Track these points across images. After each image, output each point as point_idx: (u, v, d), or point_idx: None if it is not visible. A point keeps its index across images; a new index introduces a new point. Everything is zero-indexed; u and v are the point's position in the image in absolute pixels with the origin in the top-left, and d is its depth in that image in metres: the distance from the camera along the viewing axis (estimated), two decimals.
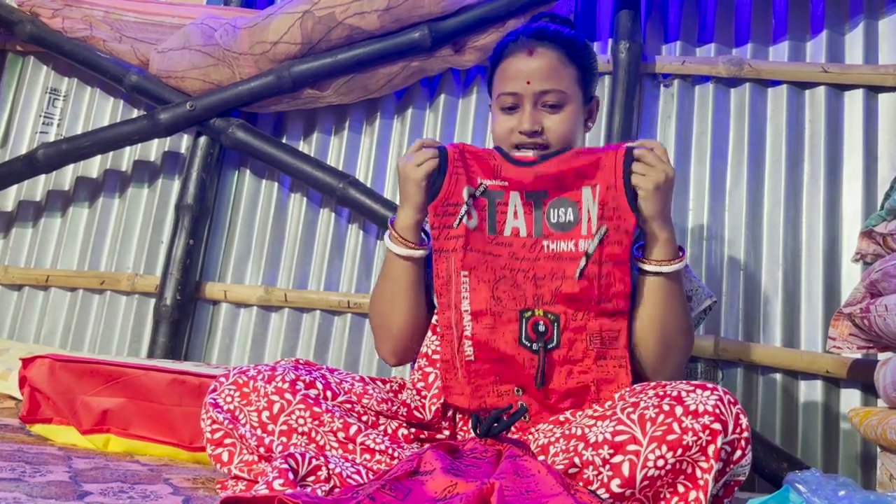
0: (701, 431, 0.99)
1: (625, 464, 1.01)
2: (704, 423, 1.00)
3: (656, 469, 1.00)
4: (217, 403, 1.22)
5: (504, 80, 1.32)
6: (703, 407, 1.01)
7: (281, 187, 2.36)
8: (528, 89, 1.29)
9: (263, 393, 1.20)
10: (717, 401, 1.02)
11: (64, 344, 2.39)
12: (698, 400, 1.02)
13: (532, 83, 1.28)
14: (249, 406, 1.20)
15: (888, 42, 2.06)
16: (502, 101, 1.32)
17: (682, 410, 1.01)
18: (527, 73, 1.29)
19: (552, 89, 1.28)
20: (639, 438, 1.01)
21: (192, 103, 2.25)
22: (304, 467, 1.07)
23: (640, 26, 2.17)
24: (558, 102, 1.29)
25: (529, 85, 1.28)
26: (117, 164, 2.51)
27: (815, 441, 1.89)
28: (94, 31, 2.37)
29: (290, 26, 2.15)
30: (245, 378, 1.23)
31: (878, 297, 1.54)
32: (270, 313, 2.28)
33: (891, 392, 1.48)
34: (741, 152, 2.09)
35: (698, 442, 0.99)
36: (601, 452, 1.02)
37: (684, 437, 0.99)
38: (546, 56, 1.30)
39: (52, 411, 1.55)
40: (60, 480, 1.11)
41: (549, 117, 1.29)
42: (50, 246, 2.49)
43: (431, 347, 1.34)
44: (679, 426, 1.00)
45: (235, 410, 1.21)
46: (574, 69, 1.31)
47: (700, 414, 1.00)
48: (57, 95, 2.60)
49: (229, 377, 1.24)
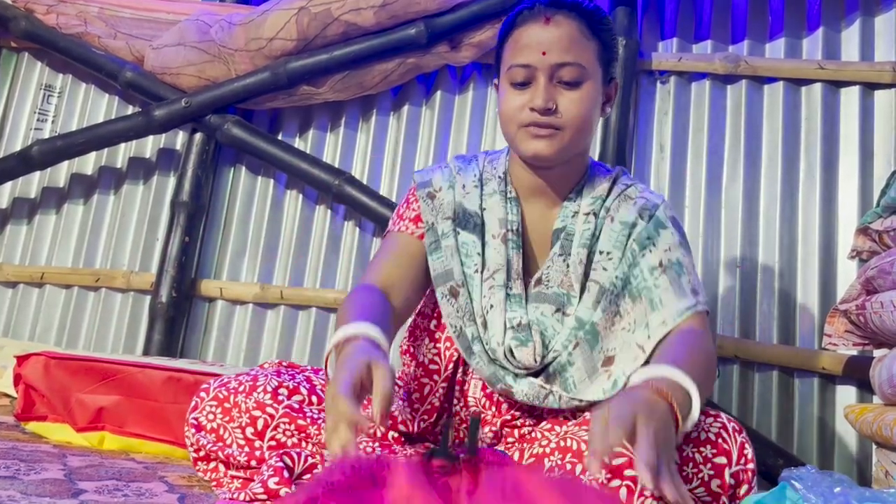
0: (702, 464, 0.94)
1: (622, 490, 0.91)
2: (707, 455, 0.94)
3: (654, 500, 0.90)
4: (200, 424, 1.18)
5: (516, 51, 1.14)
6: (704, 434, 0.95)
7: (277, 184, 2.35)
8: (543, 61, 1.12)
9: (244, 408, 1.15)
10: (720, 429, 0.96)
11: (59, 341, 2.38)
12: (701, 427, 0.95)
13: (548, 54, 1.12)
14: (233, 423, 1.16)
15: (884, 39, 2.06)
16: (513, 75, 1.14)
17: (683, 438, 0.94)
18: (543, 43, 1.12)
19: (571, 62, 1.12)
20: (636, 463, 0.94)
21: (187, 100, 2.24)
22: (299, 465, 1.07)
23: (636, 23, 2.17)
24: (576, 79, 1.12)
25: (545, 56, 1.12)
26: (112, 161, 2.50)
27: (811, 438, 1.89)
28: (89, 27, 2.36)
29: (286, 22, 2.14)
30: (226, 392, 1.18)
31: (873, 293, 1.54)
32: (266, 311, 2.28)
33: (886, 389, 1.48)
34: (737, 149, 2.09)
35: (699, 475, 0.93)
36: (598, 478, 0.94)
37: (684, 469, 0.93)
38: (565, 25, 1.13)
39: (47, 409, 1.55)
40: (55, 478, 1.11)
41: (565, 94, 1.13)
42: (45, 243, 2.49)
43: (429, 356, 1.21)
44: (679, 455, 0.92)
45: (220, 429, 1.17)
46: (596, 43, 1.15)
47: (702, 442, 0.95)
48: (52, 92, 2.59)
49: (210, 391, 1.19)
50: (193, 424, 1.19)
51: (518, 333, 1.13)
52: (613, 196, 1.20)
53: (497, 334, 1.13)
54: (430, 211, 1.22)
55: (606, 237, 1.17)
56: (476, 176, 1.25)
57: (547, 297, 1.16)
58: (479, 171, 1.26)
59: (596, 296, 1.14)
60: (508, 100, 1.15)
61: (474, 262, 1.18)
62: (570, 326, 1.13)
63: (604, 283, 1.14)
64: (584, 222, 1.18)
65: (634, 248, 1.15)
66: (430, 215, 1.21)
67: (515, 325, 1.13)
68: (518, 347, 1.12)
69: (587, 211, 1.19)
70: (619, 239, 1.16)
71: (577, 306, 1.14)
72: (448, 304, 1.17)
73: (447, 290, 1.17)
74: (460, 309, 1.16)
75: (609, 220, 1.18)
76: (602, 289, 1.14)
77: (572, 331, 1.13)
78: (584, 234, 1.17)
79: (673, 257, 1.15)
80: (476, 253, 1.18)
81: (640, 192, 1.22)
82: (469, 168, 1.26)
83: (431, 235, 1.20)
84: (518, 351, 1.11)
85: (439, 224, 1.21)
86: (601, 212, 1.19)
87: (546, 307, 1.15)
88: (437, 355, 1.21)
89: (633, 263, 1.15)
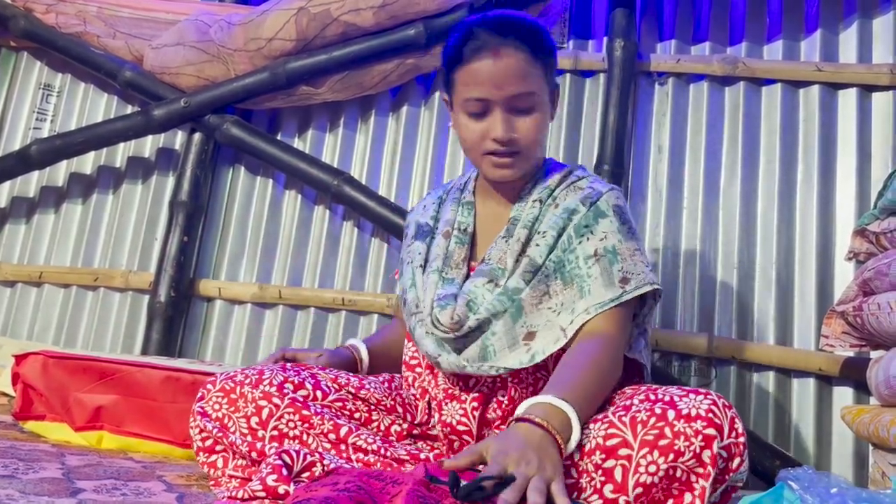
0: (693, 437, 0.97)
1: (617, 469, 0.98)
2: (697, 427, 0.97)
3: (648, 475, 0.96)
4: (205, 412, 1.22)
5: (471, 85, 1.23)
6: (696, 411, 0.99)
7: (275, 184, 2.36)
8: (498, 94, 1.22)
9: (251, 398, 1.19)
10: (710, 405, 1.00)
11: (57, 341, 2.38)
12: (691, 404, 1.00)
13: (503, 88, 1.22)
14: (238, 413, 1.19)
15: (882, 41, 2.07)
16: (469, 107, 1.25)
17: (675, 414, 0.98)
18: (496, 77, 1.21)
19: (524, 91, 1.22)
20: (630, 442, 0.98)
21: (186, 100, 2.25)
22: (298, 463, 1.07)
23: (635, 24, 2.17)
24: (529, 106, 1.24)
25: (500, 90, 1.22)
26: (111, 161, 2.50)
27: (808, 438, 1.90)
28: (88, 26, 2.36)
29: (286, 23, 2.15)
30: (232, 384, 1.22)
31: (870, 295, 1.55)
32: (265, 311, 2.28)
33: (883, 390, 1.49)
34: (735, 151, 2.09)
35: (691, 448, 0.97)
36: (593, 458, 0.99)
37: (676, 442, 0.97)
38: (514, 57, 1.22)
39: (46, 408, 1.55)
40: (53, 477, 1.11)
41: (521, 121, 1.24)
42: (43, 242, 2.49)
43: (409, 354, 1.36)
44: (671, 430, 0.97)
45: (224, 418, 1.20)
46: (540, 65, 1.25)
47: (693, 418, 0.98)
48: (50, 91, 2.59)
49: (216, 383, 1.23)
50: (199, 412, 1.22)
51: (441, 301, 1.25)
52: (563, 187, 1.32)
53: (427, 307, 1.27)
54: (403, 247, 1.45)
55: (548, 220, 1.27)
56: (439, 195, 1.44)
57: (483, 272, 1.27)
58: (446, 190, 1.45)
59: (525, 267, 1.24)
60: (468, 128, 1.27)
61: (417, 262, 1.34)
62: (497, 293, 1.23)
63: (535, 257, 1.24)
64: (531, 208, 1.30)
65: (571, 234, 1.25)
66: (402, 251, 1.45)
67: (442, 297, 1.26)
68: (440, 312, 1.24)
69: (535, 199, 1.31)
70: (556, 221, 1.26)
71: (509, 278, 1.24)
72: (403, 311, 1.38)
73: (402, 301, 1.37)
74: (407, 311, 1.34)
75: (554, 206, 1.30)
76: (532, 262, 1.24)
77: (498, 296, 1.22)
78: (528, 218, 1.28)
79: (609, 244, 1.23)
80: (419, 253, 1.35)
81: (589, 183, 1.32)
82: (437, 192, 1.47)
83: (400, 266, 1.43)
84: (441, 315, 1.23)
85: (402, 253, 1.44)
86: (548, 200, 1.31)
87: (480, 280, 1.26)
88: (415, 352, 1.35)
89: (568, 248, 1.24)
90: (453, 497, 0.83)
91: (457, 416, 1.25)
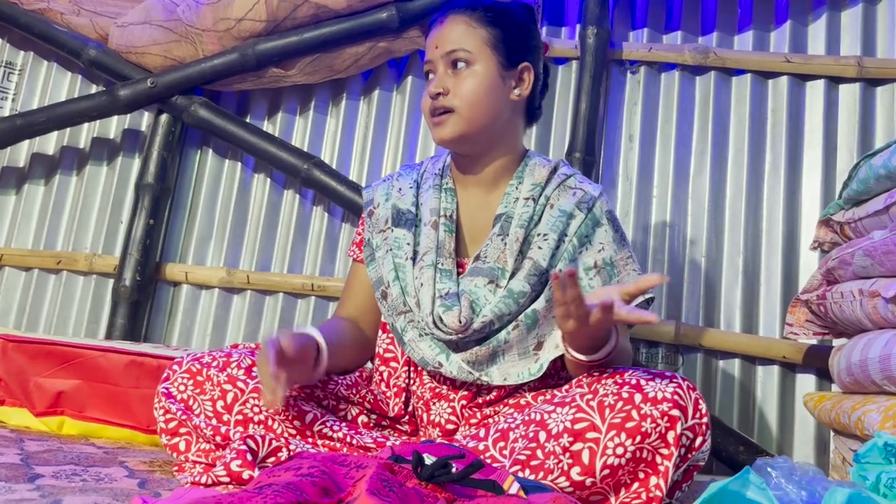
0: (660, 418, 1.00)
1: (584, 451, 1.01)
2: (663, 409, 1.01)
3: (616, 457, 1.00)
4: (170, 393, 1.20)
5: (426, 53, 1.33)
6: (661, 394, 1.02)
7: (244, 168, 2.32)
8: (436, 54, 1.29)
9: (217, 382, 1.18)
10: (675, 388, 1.03)
11: (18, 325, 2.33)
12: (657, 388, 1.03)
13: (440, 48, 1.29)
14: (203, 395, 1.18)
15: (849, 34, 2.10)
16: (425, 74, 1.33)
17: (641, 398, 1.02)
18: (436, 40, 1.30)
19: (456, 48, 1.27)
20: (598, 426, 1.01)
21: (153, 80, 2.20)
22: (264, 449, 1.06)
23: (608, 12, 2.17)
24: (463, 60, 1.27)
25: (437, 49, 1.29)
26: (75, 141, 2.44)
27: (771, 424, 1.93)
28: (52, 3, 2.30)
29: (255, 3, 2.11)
30: (199, 366, 1.21)
31: (834, 284, 1.57)
32: (232, 295, 2.25)
33: (844, 377, 1.51)
34: (705, 140, 2.11)
35: (657, 429, 1.00)
36: (561, 441, 1.02)
37: (643, 424, 1.00)
38: (454, 22, 1.29)
39: (5, 393, 1.52)
40: (11, 463, 1.09)
41: (454, 77, 1.28)
42: (4, 224, 2.42)
43: (383, 346, 1.35)
44: (638, 413, 1.00)
45: (189, 400, 1.19)
46: (484, 30, 1.28)
47: (659, 401, 1.01)
48: (12, 69, 2.52)
49: (182, 364, 1.22)
50: (164, 393, 1.20)
51: (446, 301, 1.21)
52: (553, 185, 1.30)
53: (426, 306, 1.21)
54: (369, 228, 1.36)
55: (546, 221, 1.26)
56: (414, 179, 1.38)
57: (482, 271, 1.24)
58: (420, 173, 1.39)
59: (529, 270, 1.22)
60: (423, 97, 1.31)
61: (405, 253, 1.28)
62: (501, 295, 1.21)
63: (538, 260, 1.23)
64: (524, 206, 1.27)
65: (575, 243, 1.25)
66: (368, 232, 1.36)
67: (444, 295, 1.22)
68: (445, 312, 1.19)
69: (527, 196, 1.29)
70: (556, 224, 1.25)
71: (510, 280, 1.22)
72: (382, 306, 1.31)
73: (380, 294, 1.30)
74: (390, 307, 1.28)
75: (549, 206, 1.28)
76: (536, 265, 1.22)
77: (503, 298, 1.20)
78: (523, 217, 1.26)
79: (606, 256, 1.26)
80: (406, 244, 1.28)
81: (577, 183, 1.31)
82: (409, 173, 1.40)
83: (367, 249, 1.35)
84: (446, 316, 1.19)
85: (374, 237, 1.34)
86: (541, 198, 1.28)
87: (480, 279, 1.23)
88: (390, 344, 1.33)
89: (573, 259, 1.24)
90: (416, 477, 0.83)
91: (445, 415, 1.25)
